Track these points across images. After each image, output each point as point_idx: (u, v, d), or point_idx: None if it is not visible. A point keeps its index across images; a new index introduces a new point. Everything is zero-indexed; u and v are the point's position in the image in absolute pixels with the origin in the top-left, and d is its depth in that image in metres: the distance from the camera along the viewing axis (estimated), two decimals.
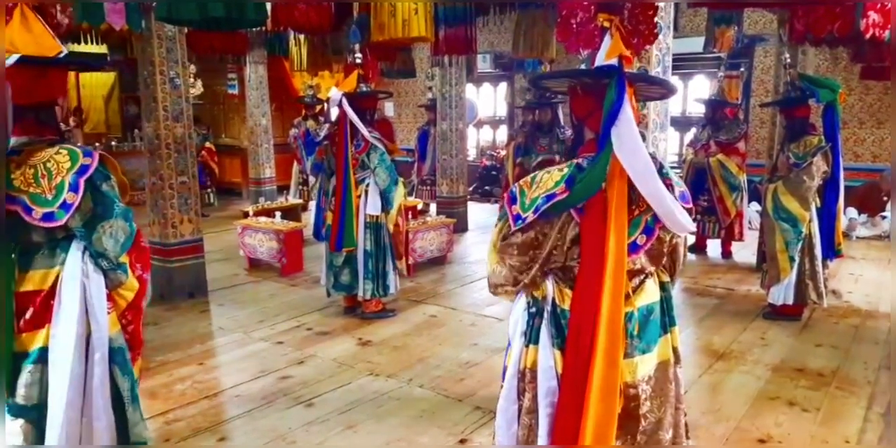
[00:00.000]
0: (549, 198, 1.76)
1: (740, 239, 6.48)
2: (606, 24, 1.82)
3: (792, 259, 4.43)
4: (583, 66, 1.91)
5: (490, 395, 3.45)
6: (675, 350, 1.99)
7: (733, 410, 3.30)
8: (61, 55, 2.09)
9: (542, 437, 1.88)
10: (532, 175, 1.87)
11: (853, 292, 5.36)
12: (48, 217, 1.95)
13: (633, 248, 1.81)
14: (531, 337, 1.92)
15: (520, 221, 1.81)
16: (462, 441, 3.03)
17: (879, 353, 4.03)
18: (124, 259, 2.10)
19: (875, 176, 7.90)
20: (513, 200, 1.85)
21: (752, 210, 7.16)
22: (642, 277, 1.90)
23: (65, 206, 1.95)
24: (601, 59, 1.79)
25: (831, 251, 4.57)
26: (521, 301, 1.98)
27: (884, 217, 7.65)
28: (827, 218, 4.48)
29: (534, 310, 1.93)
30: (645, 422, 1.87)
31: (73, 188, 1.96)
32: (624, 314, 1.81)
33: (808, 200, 4.37)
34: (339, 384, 3.63)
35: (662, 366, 1.93)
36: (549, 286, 1.89)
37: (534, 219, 1.78)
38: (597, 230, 1.74)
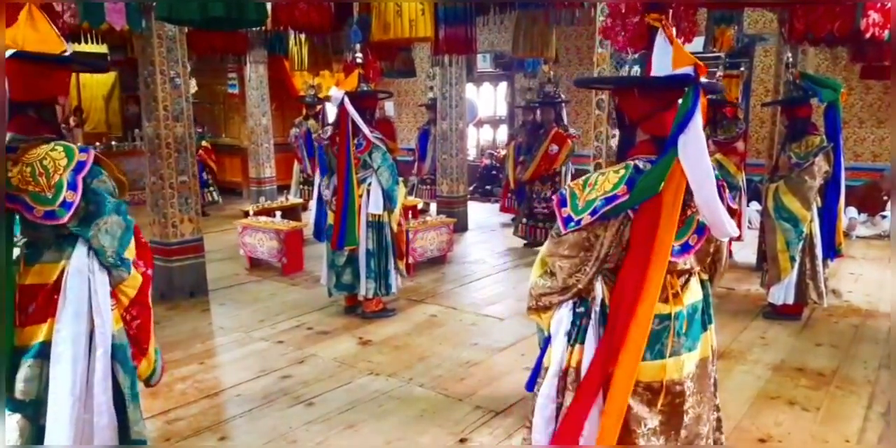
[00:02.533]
0: (609, 200, 1.76)
1: (739, 238, 6.48)
2: (656, 23, 1.82)
3: (793, 259, 4.43)
4: (636, 68, 1.91)
5: (490, 395, 3.46)
6: (712, 347, 2.03)
7: (734, 410, 3.29)
8: (65, 54, 2.10)
9: (584, 436, 1.88)
10: (584, 177, 1.88)
11: (853, 292, 5.36)
12: (50, 215, 1.95)
13: (686, 248, 1.84)
14: (577, 336, 1.92)
15: (571, 223, 1.81)
16: (462, 440, 3.02)
17: (879, 353, 4.03)
18: (128, 255, 2.09)
19: (875, 175, 7.90)
20: (563, 203, 1.85)
21: (752, 209, 7.16)
22: (687, 277, 1.93)
23: (65, 205, 1.95)
24: (666, 67, 1.78)
25: (832, 251, 4.58)
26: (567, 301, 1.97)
27: (884, 216, 7.65)
28: (828, 217, 4.48)
29: (581, 309, 1.93)
30: (687, 417, 1.91)
31: (72, 186, 1.96)
32: (674, 313, 1.85)
33: (809, 200, 4.37)
34: (339, 383, 3.63)
35: (703, 362, 1.98)
36: (599, 286, 1.89)
37: (590, 221, 1.78)
38: (647, 231, 1.75)
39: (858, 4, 4.01)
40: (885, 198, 7.58)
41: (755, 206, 7.12)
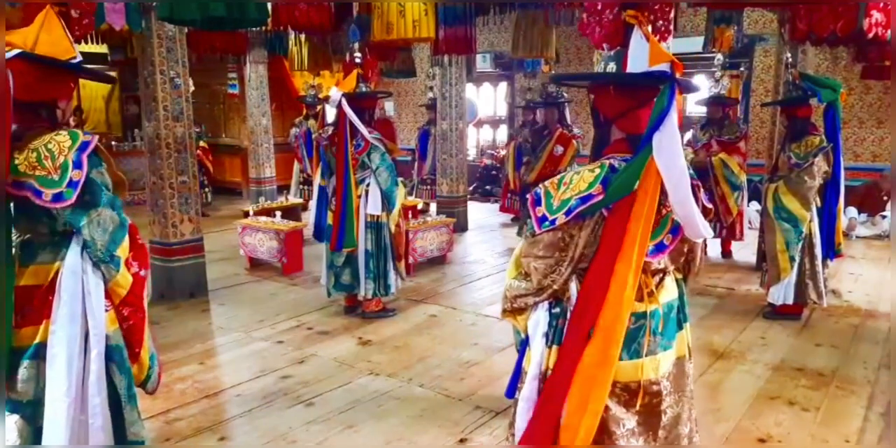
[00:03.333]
0: (584, 199, 1.74)
1: (741, 238, 6.48)
2: (633, 21, 1.81)
3: (792, 259, 4.43)
4: (612, 65, 1.89)
5: (490, 395, 3.46)
6: (688, 345, 2.03)
7: (733, 410, 3.30)
8: (74, 60, 2.10)
9: None
10: (559, 176, 1.86)
11: (853, 292, 5.36)
12: (58, 198, 1.95)
13: (661, 248, 1.83)
14: (554, 338, 1.90)
15: (546, 223, 1.79)
16: (462, 440, 3.03)
17: (879, 353, 4.03)
18: (120, 253, 2.07)
19: (875, 175, 7.90)
20: (537, 202, 1.83)
21: (752, 209, 7.16)
22: (661, 276, 1.92)
23: (72, 184, 1.96)
24: (642, 63, 1.77)
25: (831, 251, 4.58)
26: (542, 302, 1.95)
27: (884, 217, 7.65)
28: (827, 217, 4.48)
29: (557, 310, 1.91)
30: (665, 417, 1.90)
31: (77, 165, 1.97)
32: (649, 312, 1.83)
33: (809, 200, 4.37)
34: (339, 383, 3.63)
35: (679, 361, 1.97)
36: (573, 286, 1.87)
37: (565, 220, 1.76)
38: (618, 229, 1.73)
39: (861, 4, 4.01)
40: (885, 198, 7.58)
41: (755, 206, 7.12)
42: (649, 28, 1.86)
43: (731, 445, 2.99)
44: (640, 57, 1.78)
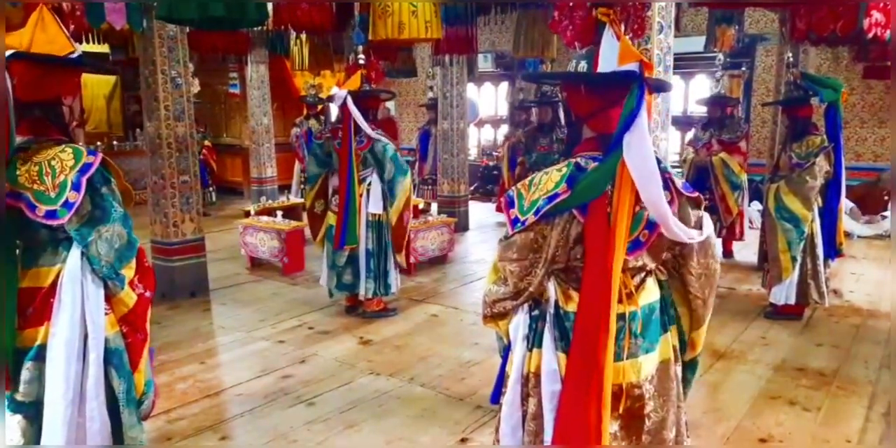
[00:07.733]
0: (550, 199, 1.74)
1: (741, 238, 6.47)
2: (605, 18, 1.80)
3: (794, 259, 4.42)
4: (583, 63, 1.87)
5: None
6: (674, 348, 1.98)
7: (734, 410, 3.30)
8: (73, 55, 2.10)
9: (548, 442, 1.85)
10: (530, 177, 1.85)
11: (854, 292, 5.35)
12: (51, 214, 1.94)
13: (637, 244, 1.79)
14: (534, 341, 1.89)
15: (518, 224, 1.79)
16: (463, 440, 3.03)
17: (881, 353, 4.03)
18: (125, 272, 2.07)
19: (876, 175, 7.90)
20: (510, 204, 1.83)
21: (753, 209, 7.16)
22: (643, 275, 1.88)
23: (67, 205, 1.94)
24: (612, 62, 1.75)
25: (833, 250, 4.57)
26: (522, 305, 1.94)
27: (884, 217, 7.64)
28: (828, 217, 4.48)
29: (536, 313, 1.90)
30: (649, 421, 1.86)
31: (76, 187, 1.95)
32: (628, 314, 1.81)
33: (810, 200, 4.36)
34: (340, 383, 3.63)
35: (664, 365, 1.92)
36: (551, 288, 1.86)
37: (534, 220, 1.76)
38: (600, 231, 1.72)
39: (861, 4, 4.01)
40: (886, 198, 7.57)
41: (756, 205, 7.11)
42: (622, 26, 1.85)
43: (732, 445, 2.99)
44: (610, 56, 1.76)
